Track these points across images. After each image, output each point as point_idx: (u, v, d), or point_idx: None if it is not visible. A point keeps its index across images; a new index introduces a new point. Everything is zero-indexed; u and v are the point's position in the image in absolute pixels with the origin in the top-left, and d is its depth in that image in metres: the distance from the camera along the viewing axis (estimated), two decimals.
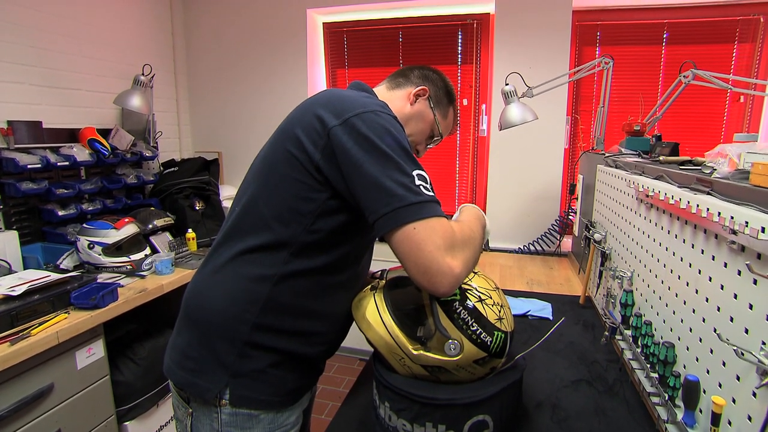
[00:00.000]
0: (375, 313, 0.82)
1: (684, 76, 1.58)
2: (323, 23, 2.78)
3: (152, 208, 2.23)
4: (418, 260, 0.68)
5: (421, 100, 0.99)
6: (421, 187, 0.71)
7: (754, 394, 0.62)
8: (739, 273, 0.68)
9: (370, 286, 0.89)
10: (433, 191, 0.74)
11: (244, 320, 0.79)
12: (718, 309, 0.73)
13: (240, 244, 0.81)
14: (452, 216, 0.87)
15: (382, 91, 1.00)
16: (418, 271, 0.69)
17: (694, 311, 0.82)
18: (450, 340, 0.76)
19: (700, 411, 0.77)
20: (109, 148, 2.14)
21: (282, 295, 0.80)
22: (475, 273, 0.85)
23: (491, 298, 0.81)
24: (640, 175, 1.13)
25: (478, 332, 0.76)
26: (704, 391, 0.76)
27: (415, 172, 0.72)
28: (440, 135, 1.03)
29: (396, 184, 0.70)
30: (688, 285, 0.85)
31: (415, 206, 0.69)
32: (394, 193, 0.70)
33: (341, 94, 0.81)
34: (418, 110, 0.98)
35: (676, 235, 0.91)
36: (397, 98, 0.98)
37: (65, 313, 1.44)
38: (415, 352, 0.78)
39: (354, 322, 0.88)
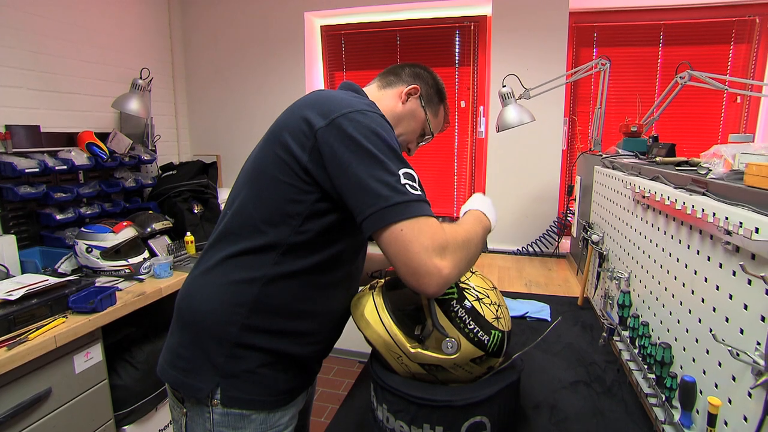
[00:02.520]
0: (373, 312, 0.83)
1: (680, 77, 1.58)
2: (321, 26, 2.79)
3: (150, 212, 2.23)
4: (407, 261, 0.68)
5: (412, 99, 0.98)
6: (407, 186, 0.71)
7: (750, 395, 0.62)
8: (734, 273, 0.68)
9: (369, 286, 0.89)
10: (421, 190, 0.73)
11: (233, 321, 0.80)
12: (714, 309, 0.74)
13: (230, 247, 0.81)
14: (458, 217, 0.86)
15: (372, 90, 1.00)
16: (407, 272, 0.69)
17: (690, 312, 0.83)
18: (447, 339, 0.76)
19: (697, 412, 0.77)
20: (107, 152, 2.15)
21: (271, 296, 0.80)
22: (473, 272, 0.85)
23: (488, 297, 0.81)
24: (637, 176, 1.13)
25: (475, 331, 0.77)
26: (701, 392, 0.76)
27: (401, 171, 0.72)
28: (431, 133, 1.03)
29: (381, 184, 0.70)
30: (684, 286, 0.85)
31: (401, 206, 0.69)
32: (378, 194, 0.69)
33: (328, 95, 0.81)
34: (409, 109, 0.98)
35: (672, 236, 0.91)
36: (388, 97, 0.98)
37: (63, 317, 1.44)
38: (412, 351, 0.78)
39: (349, 322, 0.89)
